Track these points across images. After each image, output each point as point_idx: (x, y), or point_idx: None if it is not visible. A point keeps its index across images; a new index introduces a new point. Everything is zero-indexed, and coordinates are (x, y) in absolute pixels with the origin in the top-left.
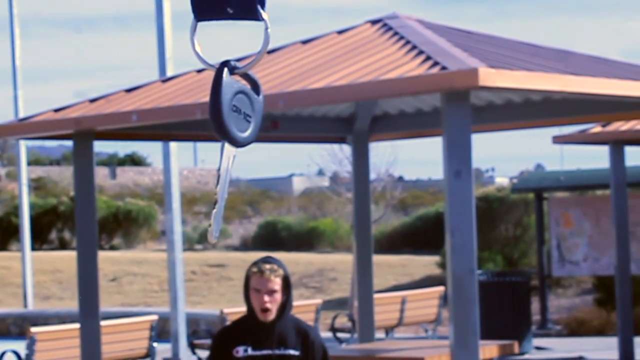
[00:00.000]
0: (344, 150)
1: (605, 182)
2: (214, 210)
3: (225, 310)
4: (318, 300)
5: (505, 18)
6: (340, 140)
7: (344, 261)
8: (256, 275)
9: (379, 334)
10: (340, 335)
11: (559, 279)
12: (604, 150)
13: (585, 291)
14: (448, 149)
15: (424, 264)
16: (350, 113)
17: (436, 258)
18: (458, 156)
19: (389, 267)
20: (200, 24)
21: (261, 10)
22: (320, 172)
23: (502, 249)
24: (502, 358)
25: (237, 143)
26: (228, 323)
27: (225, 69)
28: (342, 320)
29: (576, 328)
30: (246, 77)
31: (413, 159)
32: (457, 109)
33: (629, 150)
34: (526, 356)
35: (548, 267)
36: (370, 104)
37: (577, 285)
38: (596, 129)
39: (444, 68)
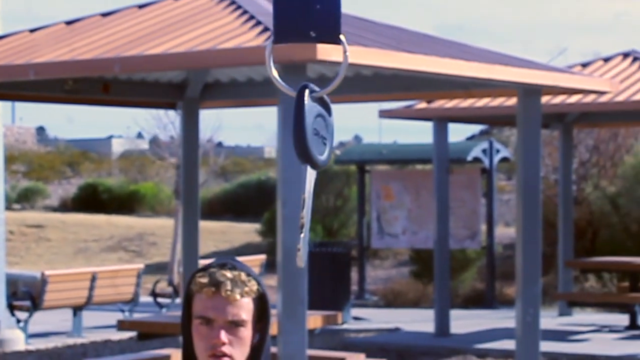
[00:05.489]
0: (169, 115)
1: (426, 157)
2: (302, 235)
3: (47, 272)
4: (140, 265)
5: None
6: (170, 106)
7: (165, 226)
8: (206, 292)
9: None
10: (160, 300)
11: (376, 250)
12: (423, 125)
13: (402, 263)
14: (283, 120)
15: (244, 231)
16: (182, 79)
17: (256, 226)
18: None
19: (210, 233)
20: None
21: (341, 34)
22: (140, 135)
23: (323, 219)
24: (325, 328)
25: (317, 166)
26: None
27: (306, 92)
28: (162, 286)
29: (392, 299)
30: (320, 98)
31: (232, 125)
32: (294, 82)
33: (452, 126)
34: (345, 326)
35: (367, 238)
36: (203, 71)
37: (394, 257)
38: (421, 104)
39: None
